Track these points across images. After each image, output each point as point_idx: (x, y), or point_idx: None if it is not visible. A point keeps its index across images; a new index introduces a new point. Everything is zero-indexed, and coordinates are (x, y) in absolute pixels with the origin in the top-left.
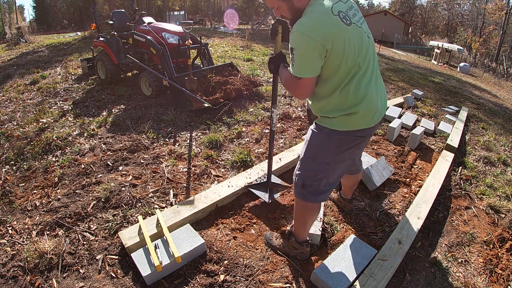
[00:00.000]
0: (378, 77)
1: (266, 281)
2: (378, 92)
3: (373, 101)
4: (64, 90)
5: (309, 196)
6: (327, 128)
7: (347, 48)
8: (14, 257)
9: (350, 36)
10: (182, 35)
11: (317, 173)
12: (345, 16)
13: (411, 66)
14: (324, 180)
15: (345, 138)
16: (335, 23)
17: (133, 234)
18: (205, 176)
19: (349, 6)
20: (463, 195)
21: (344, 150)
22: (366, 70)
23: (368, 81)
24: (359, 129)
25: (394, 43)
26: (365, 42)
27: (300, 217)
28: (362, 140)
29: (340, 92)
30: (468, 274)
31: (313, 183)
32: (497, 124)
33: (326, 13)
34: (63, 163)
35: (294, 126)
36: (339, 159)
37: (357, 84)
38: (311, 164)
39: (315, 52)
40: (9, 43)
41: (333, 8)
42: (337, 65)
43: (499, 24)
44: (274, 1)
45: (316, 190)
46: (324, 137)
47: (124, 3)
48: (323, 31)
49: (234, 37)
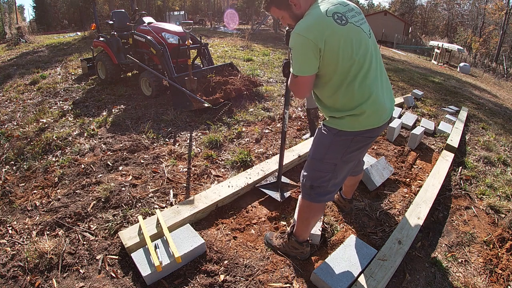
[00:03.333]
0: (384, 76)
1: (266, 281)
2: (385, 91)
3: (379, 100)
4: (64, 90)
5: (316, 197)
6: (335, 129)
7: (342, 46)
8: (14, 257)
9: (345, 35)
10: (182, 35)
11: (326, 174)
12: (340, 17)
13: (411, 66)
14: (332, 181)
15: (354, 139)
16: (328, 24)
17: (133, 234)
18: (205, 176)
19: (348, 9)
20: (463, 195)
21: (352, 150)
22: (369, 68)
23: (373, 79)
24: (368, 129)
25: (394, 43)
26: (364, 40)
27: (304, 218)
28: (370, 140)
29: (345, 90)
30: (468, 274)
31: (321, 184)
32: (497, 124)
33: (320, 16)
34: (63, 163)
35: (294, 126)
36: (347, 160)
37: (361, 82)
38: (319, 165)
39: (309, 51)
40: (9, 43)
41: (328, 11)
42: (334, 63)
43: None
44: (277, 12)
45: (324, 191)
46: (332, 138)
47: (124, 3)
48: (315, 31)
49: (234, 37)
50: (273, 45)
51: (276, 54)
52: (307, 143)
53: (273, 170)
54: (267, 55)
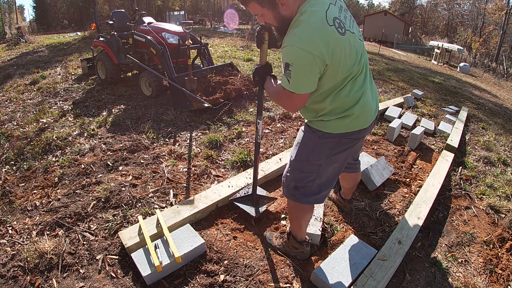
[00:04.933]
0: (369, 75)
1: (266, 281)
2: (372, 91)
3: (368, 102)
4: (64, 90)
5: (302, 198)
6: (320, 131)
7: (343, 59)
8: (14, 257)
9: (346, 46)
10: (182, 35)
11: (310, 174)
12: (340, 24)
13: (411, 66)
14: (317, 181)
15: (339, 141)
16: (332, 35)
17: (133, 234)
18: (205, 176)
19: (339, 7)
20: (463, 195)
21: (338, 152)
22: (359, 72)
23: (362, 82)
24: (354, 131)
25: (394, 43)
26: (359, 48)
27: (294, 218)
28: (357, 142)
29: (335, 96)
30: (468, 274)
31: (305, 184)
32: (497, 124)
33: (322, 24)
34: (63, 163)
35: (294, 126)
36: (332, 161)
37: (352, 87)
38: (303, 166)
39: (314, 68)
40: (9, 43)
41: (327, 16)
42: (333, 76)
43: (499, 24)
44: (258, 9)
45: (309, 191)
46: (317, 140)
47: (124, 3)
48: (322, 46)
49: (234, 37)
50: None
51: (276, 54)
52: None
53: (273, 170)
54: (267, 55)
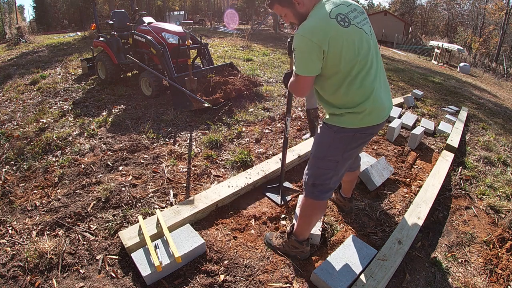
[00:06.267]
0: (383, 75)
1: (266, 281)
2: (384, 89)
3: (379, 99)
4: (64, 90)
5: (319, 195)
6: (336, 126)
7: (345, 48)
8: (14, 257)
9: (348, 37)
10: (182, 35)
11: (328, 171)
12: (343, 19)
13: (411, 66)
14: (334, 178)
15: (353, 136)
16: (332, 26)
17: (133, 234)
18: (205, 176)
19: (351, 9)
20: (463, 195)
21: (352, 147)
22: (370, 68)
23: (373, 78)
24: (368, 126)
25: (394, 43)
26: (365, 41)
27: (306, 216)
28: (370, 137)
29: (346, 88)
30: (468, 274)
31: (324, 181)
32: (497, 124)
33: (325, 17)
34: (63, 163)
35: (294, 126)
36: (347, 156)
37: (362, 81)
38: (321, 163)
39: (312, 53)
40: (9, 43)
41: (331, 12)
42: (336, 64)
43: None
44: (280, 9)
45: (326, 188)
46: (333, 135)
47: (124, 3)
48: (319, 34)
49: (234, 37)
50: (273, 45)
51: (276, 54)
52: (307, 143)
53: (273, 170)
54: (267, 55)
